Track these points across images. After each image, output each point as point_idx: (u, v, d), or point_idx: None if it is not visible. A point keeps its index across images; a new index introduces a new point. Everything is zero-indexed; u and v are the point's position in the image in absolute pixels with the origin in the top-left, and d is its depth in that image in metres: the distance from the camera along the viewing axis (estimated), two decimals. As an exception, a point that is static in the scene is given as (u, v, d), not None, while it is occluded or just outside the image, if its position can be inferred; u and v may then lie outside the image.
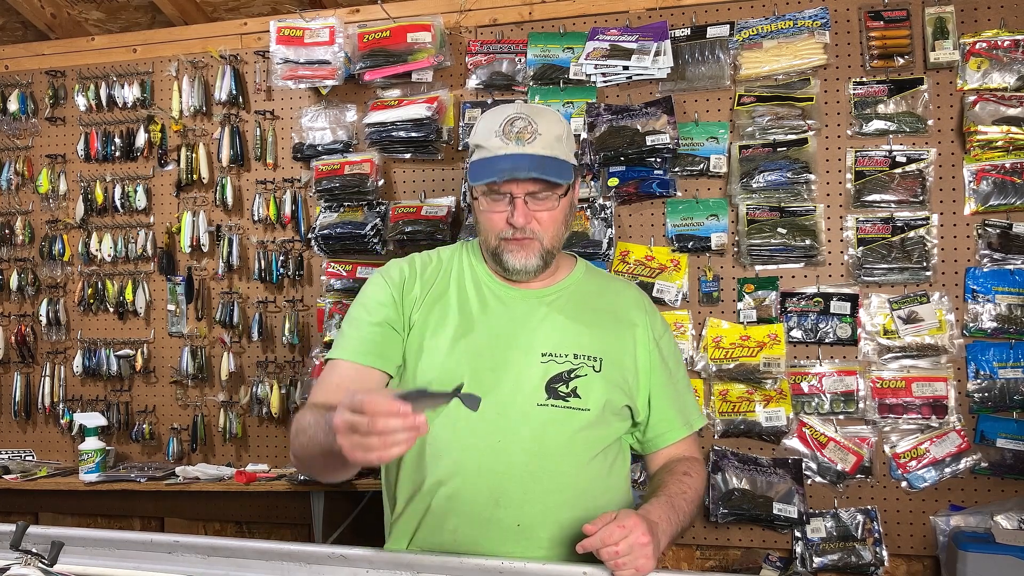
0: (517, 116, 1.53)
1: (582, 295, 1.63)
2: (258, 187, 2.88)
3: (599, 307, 1.63)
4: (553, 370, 1.51)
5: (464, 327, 1.55)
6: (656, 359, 1.61)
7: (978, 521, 2.24)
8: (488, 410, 1.44)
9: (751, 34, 2.47)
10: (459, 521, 1.47)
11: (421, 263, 1.64)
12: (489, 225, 1.55)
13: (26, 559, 1.21)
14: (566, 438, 1.49)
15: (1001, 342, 2.30)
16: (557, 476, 1.48)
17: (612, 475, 1.59)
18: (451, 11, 2.72)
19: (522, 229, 1.52)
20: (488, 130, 1.53)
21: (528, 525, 1.47)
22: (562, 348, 1.53)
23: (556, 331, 1.55)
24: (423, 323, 1.56)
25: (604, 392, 1.52)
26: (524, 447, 1.47)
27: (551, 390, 1.50)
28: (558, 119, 1.57)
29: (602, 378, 1.53)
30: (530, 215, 1.52)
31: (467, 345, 1.52)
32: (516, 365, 1.51)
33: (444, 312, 1.57)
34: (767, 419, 2.40)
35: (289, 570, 1.33)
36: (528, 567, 1.28)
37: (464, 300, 1.58)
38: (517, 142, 1.50)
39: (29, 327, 3.13)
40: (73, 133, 3.10)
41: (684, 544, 2.53)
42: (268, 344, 2.91)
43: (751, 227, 2.44)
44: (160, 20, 3.07)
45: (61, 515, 3.10)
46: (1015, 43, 2.31)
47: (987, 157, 2.31)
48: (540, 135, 1.51)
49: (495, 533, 1.46)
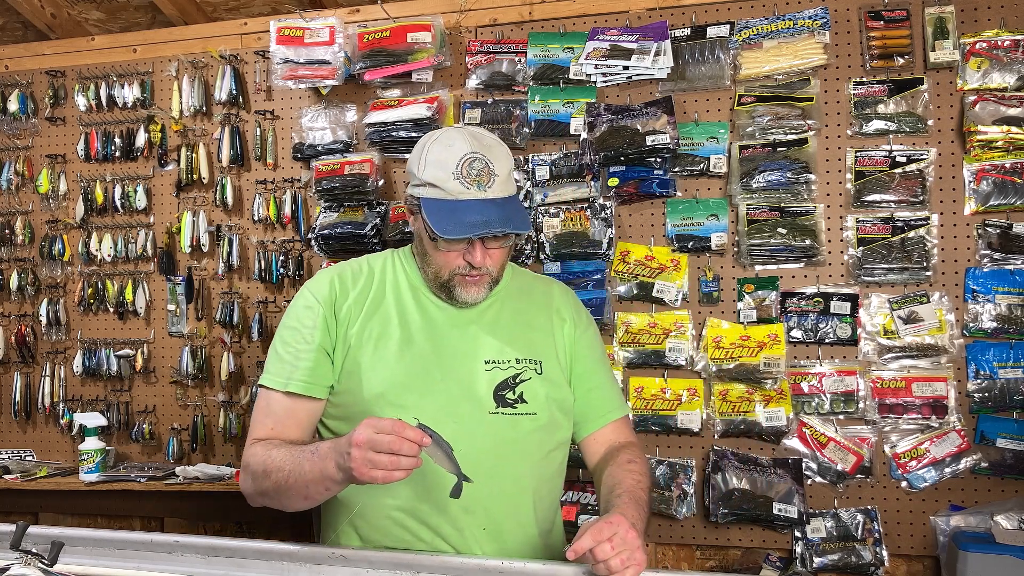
0: (473, 156, 1.48)
1: (514, 298, 1.66)
2: (258, 187, 2.88)
3: (533, 307, 1.67)
4: (499, 377, 1.54)
5: (407, 338, 1.55)
6: (582, 348, 1.66)
7: (978, 521, 2.24)
8: (444, 419, 1.45)
9: (751, 34, 2.47)
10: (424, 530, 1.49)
11: (351, 273, 1.62)
12: (443, 262, 1.53)
13: (26, 559, 1.21)
14: (518, 442, 1.53)
15: (1001, 342, 2.30)
16: (515, 478, 1.53)
17: (558, 478, 1.66)
18: (451, 11, 2.72)
19: (477, 268, 1.52)
20: (444, 169, 1.48)
21: (493, 527, 1.50)
22: (503, 354, 1.57)
23: (497, 337, 1.58)
24: (363, 337, 1.55)
25: (548, 393, 1.57)
26: (481, 454, 1.49)
27: (499, 398, 1.53)
28: (506, 152, 1.54)
29: (545, 379, 1.57)
30: (486, 254, 1.52)
31: (413, 357, 1.53)
32: (463, 374, 1.53)
33: (384, 324, 1.56)
34: (767, 419, 2.40)
35: (289, 570, 1.33)
36: (528, 567, 1.29)
37: (403, 311, 1.58)
38: (478, 187, 1.47)
39: (29, 327, 3.12)
40: (73, 133, 3.10)
41: (684, 544, 2.53)
42: (268, 344, 2.89)
43: (751, 227, 2.44)
44: (160, 20, 3.07)
45: (61, 515, 3.10)
46: (1015, 43, 2.30)
47: (987, 157, 2.31)
48: (497, 176, 1.49)
49: (463, 537, 1.49)
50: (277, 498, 1.47)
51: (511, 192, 1.53)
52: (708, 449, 2.47)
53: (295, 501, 1.44)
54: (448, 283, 1.55)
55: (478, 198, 1.47)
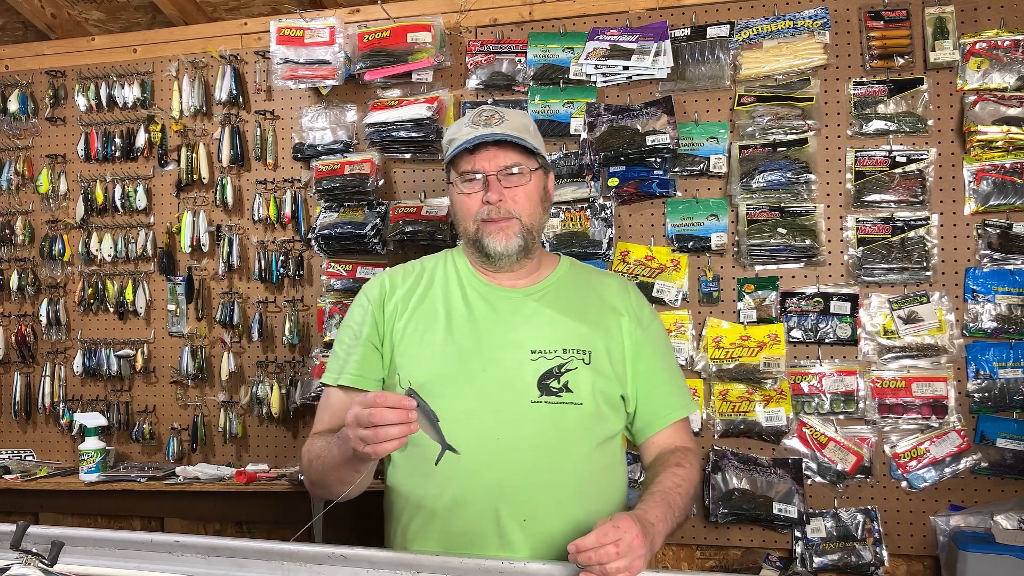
0: (485, 108, 1.61)
1: (567, 290, 1.65)
2: (258, 187, 2.88)
3: (585, 300, 1.64)
4: (544, 366, 1.53)
5: (451, 328, 1.57)
6: (643, 346, 1.62)
7: (978, 521, 2.24)
8: (483, 410, 1.45)
9: (751, 34, 2.48)
10: (466, 522, 1.49)
11: (403, 273, 1.68)
12: (465, 209, 1.58)
13: (26, 559, 1.21)
14: (563, 432, 1.51)
15: (1001, 342, 2.30)
16: (557, 470, 1.50)
17: (612, 471, 1.60)
18: (451, 11, 2.72)
19: (498, 208, 1.55)
20: (459, 125, 1.62)
21: (534, 519, 1.48)
22: (551, 344, 1.55)
23: (544, 327, 1.57)
24: (408, 330, 1.58)
25: (595, 384, 1.54)
26: (522, 444, 1.48)
27: (543, 386, 1.52)
28: (525, 114, 1.67)
29: (592, 370, 1.55)
30: (504, 192, 1.55)
31: (455, 348, 1.54)
32: (506, 363, 1.53)
33: (430, 317, 1.59)
34: (767, 419, 2.40)
35: (289, 570, 1.33)
36: (528, 567, 1.28)
37: (449, 302, 1.61)
38: (485, 125, 1.57)
39: (29, 327, 3.12)
40: (73, 133, 3.10)
41: (684, 544, 2.53)
42: (268, 344, 2.91)
43: (751, 227, 2.44)
44: (160, 20, 3.07)
45: (61, 515, 3.09)
46: (1015, 43, 2.30)
47: (987, 157, 2.31)
48: (507, 120, 1.58)
49: (502, 529, 1.47)
50: (323, 486, 1.52)
51: (525, 137, 1.58)
52: (708, 449, 2.47)
53: (335, 486, 1.47)
54: (476, 235, 1.58)
55: (484, 132, 1.55)
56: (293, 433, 2.90)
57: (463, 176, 1.58)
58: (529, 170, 1.58)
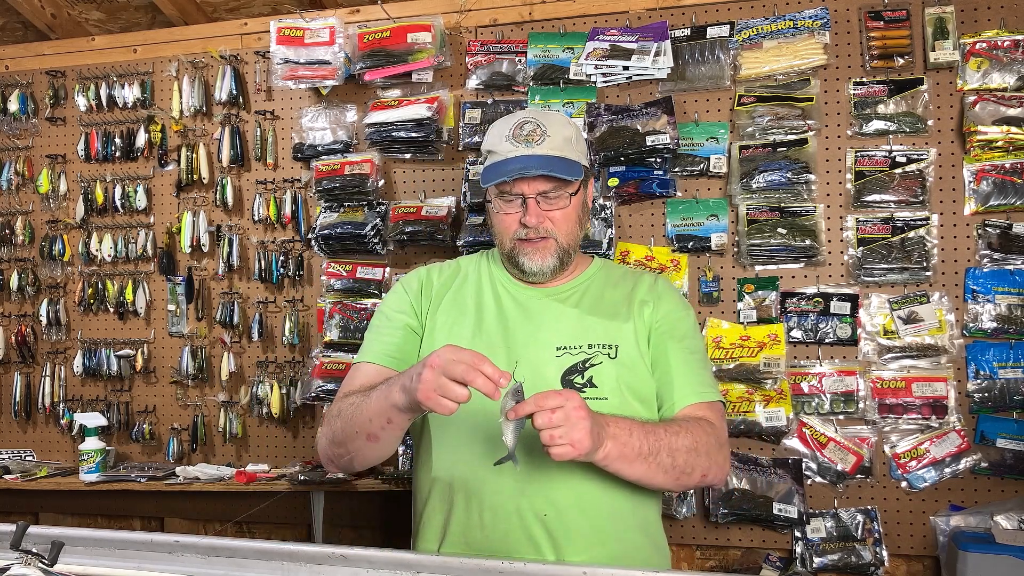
0: (526, 120, 1.58)
1: (597, 289, 1.65)
2: (258, 187, 2.88)
3: (614, 294, 1.64)
4: (568, 362, 1.53)
5: (481, 323, 1.59)
6: (661, 332, 1.60)
7: (978, 521, 2.24)
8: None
9: (751, 34, 2.48)
10: (487, 515, 1.49)
11: (439, 270, 1.72)
12: (503, 227, 1.59)
13: (26, 559, 1.21)
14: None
15: (1001, 342, 2.30)
16: (581, 466, 1.48)
17: None
18: (451, 11, 2.72)
19: (535, 229, 1.56)
20: (499, 135, 1.58)
21: (555, 514, 1.48)
22: (576, 340, 1.55)
23: (570, 324, 1.58)
24: (441, 322, 1.61)
25: (620, 377, 1.53)
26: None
27: (567, 382, 1.52)
28: (568, 122, 1.62)
29: (618, 364, 1.54)
30: (543, 215, 1.56)
31: (482, 343, 1.55)
32: (532, 360, 1.53)
33: (460, 313, 1.62)
34: (767, 419, 2.40)
35: (289, 570, 1.33)
36: (528, 567, 1.28)
37: (480, 301, 1.63)
38: (527, 144, 1.55)
39: (29, 327, 3.13)
40: (73, 133, 3.10)
41: (684, 544, 2.53)
42: (268, 344, 2.91)
43: (751, 227, 2.44)
44: (160, 20, 3.07)
45: (61, 515, 3.10)
46: (1015, 43, 2.30)
47: (987, 157, 2.31)
48: (549, 136, 1.55)
49: (523, 524, 1.48)
50: (344, 441, 1.49)
51: (567, 154, 1.56)
52: (708, 449, 2.46)
53: (358, 441, 1.46)
54: (512, 253, 1.59)
55: (525, 154, 1.54)
56: (293, 433, 2.90)
57: (502, 195, 1.58)
58: (568, 194, 1.57)
